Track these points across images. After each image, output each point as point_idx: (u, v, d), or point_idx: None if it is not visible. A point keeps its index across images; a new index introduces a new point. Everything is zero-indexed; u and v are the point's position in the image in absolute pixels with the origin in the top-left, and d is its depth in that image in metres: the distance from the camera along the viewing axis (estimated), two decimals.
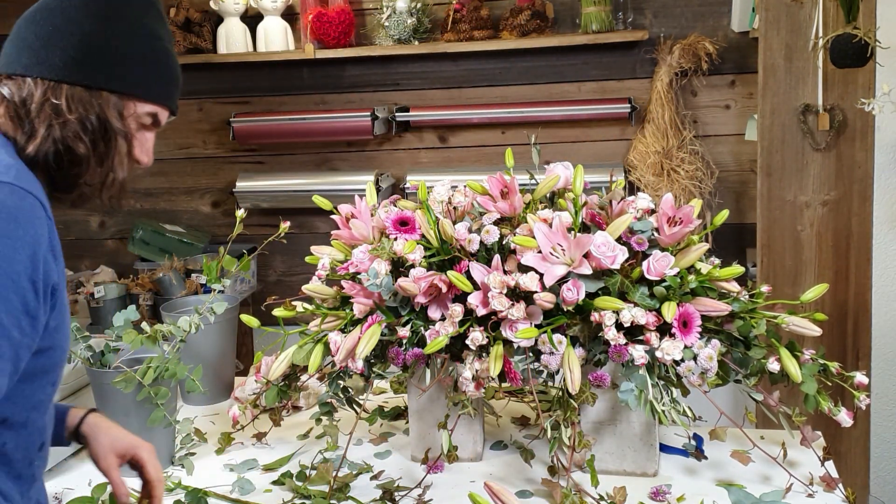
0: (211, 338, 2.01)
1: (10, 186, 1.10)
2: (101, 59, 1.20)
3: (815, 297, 1.61)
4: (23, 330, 1.09)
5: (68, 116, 1.18)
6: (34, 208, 1.10)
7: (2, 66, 1.22)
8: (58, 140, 1.18)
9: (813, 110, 2.71)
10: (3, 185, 1.10)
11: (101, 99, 1.20)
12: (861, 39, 2.34)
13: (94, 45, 1.20)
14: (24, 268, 1.07)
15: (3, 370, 1.07)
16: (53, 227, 1.14)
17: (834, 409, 1.55)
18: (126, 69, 1.21)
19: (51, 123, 1.18)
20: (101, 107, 1.20)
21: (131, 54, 1.22)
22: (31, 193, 1.11)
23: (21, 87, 1.18)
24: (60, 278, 1.16)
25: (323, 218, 3.72)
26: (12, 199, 1.09)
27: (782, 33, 2.73)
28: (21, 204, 1.09)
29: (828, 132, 2.70)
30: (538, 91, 3.74)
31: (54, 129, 1.18)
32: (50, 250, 1.12)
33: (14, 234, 1.07)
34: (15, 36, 1.23)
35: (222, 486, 1.66)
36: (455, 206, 1.69)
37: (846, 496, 1.54)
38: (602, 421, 1.65)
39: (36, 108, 1.18)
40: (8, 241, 1.06)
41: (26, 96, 1.18)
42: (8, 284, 1.06)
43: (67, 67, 1.18)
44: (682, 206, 1.59)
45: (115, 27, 1.21)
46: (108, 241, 4.14)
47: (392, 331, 1.63)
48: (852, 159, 2.71)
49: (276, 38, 3.70)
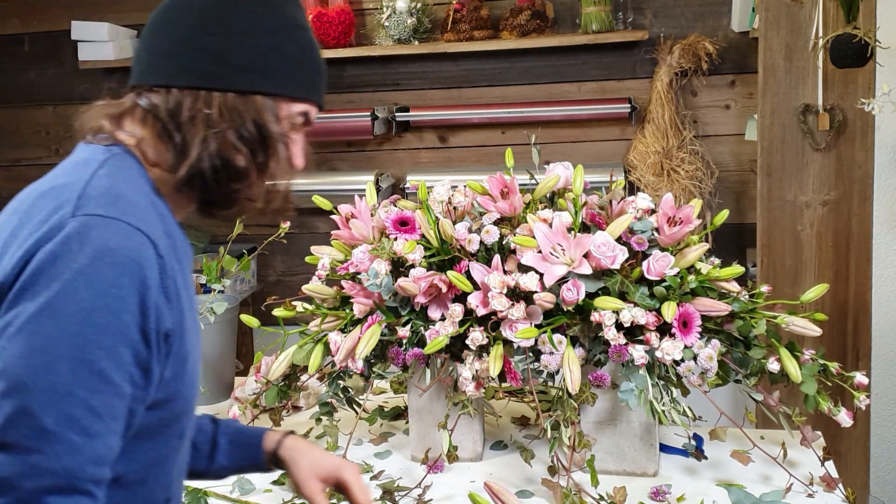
0: (211, 338, 2.01)
1: (117, 223, 0.97)
2: (252, 60, 1.07)
3: (815, 297, 1.61)
4: (135, 384, 0.98)
5: (223, 126, 1.05)
6: (142, 248, 0.98)
7: (139, 77, 1.09)
8: (214, 155, 1.06)
9: (813, 110, 2.71)
10: (107, 222, 0.97)
11: (256, 103, 1.08)
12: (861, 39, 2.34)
13: (243, 45, 1.07)
14: (134, 317, 0.96)
15: (114, 430, 0.97)
16: (166, 267, 1.01)
17: (834, 409, 1.55)
18: (277, 68, 1.09)
19: (205, 137, 1.05)
20: (257, 112, 1.07)
21: (281, 51, 1.09)
22: (140, 230, 0.99)
23: (167, 100, 1.06)
24: (177, 322, 1.03)
25: (323, 218, 3.72)
26: (116, 240, 0.97)
27: (782, 33, 2.73)
28: (127, 244, 0.97)
29: (828, 132, 2.69)
30: (538, 91, 3.74)
31: (209, 142, 1.05)
32: (162, 292, 0.99)
33: (119, 281, 0.95)
34: (149, 41, 1.10)
35: (222, 486, 1.66)
36: (455, 206, 1.69)
37: (846, 496, 1.54)
38: (602, 421, 1.65)
39: (187, 122, 1.05)
40: (113, 290, 0.95)
41: (174, 109, 1.06)
42: (117, 337, 0.95)
43: (216, 72, 1.06)
44: (682, 206, 1.59)
45: (261, 22, 1.08)
46: None
47: (392, 331, 1.63)
48: (852, 159, 2.71)
49: None
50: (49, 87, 4.06)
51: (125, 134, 1.09)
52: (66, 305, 0.93)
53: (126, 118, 1.10)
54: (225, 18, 1.07)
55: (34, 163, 4.10)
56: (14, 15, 4.01)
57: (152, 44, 1.09)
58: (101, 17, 3.83)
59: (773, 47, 2.74)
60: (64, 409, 0.93)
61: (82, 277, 0.94)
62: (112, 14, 3.88)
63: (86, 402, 0.94)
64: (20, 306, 0.94)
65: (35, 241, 0.97)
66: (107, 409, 0.95)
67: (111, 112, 1.10)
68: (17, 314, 0.94)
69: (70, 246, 0.95)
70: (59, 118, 4.07)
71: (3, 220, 1.06)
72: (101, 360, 0.94)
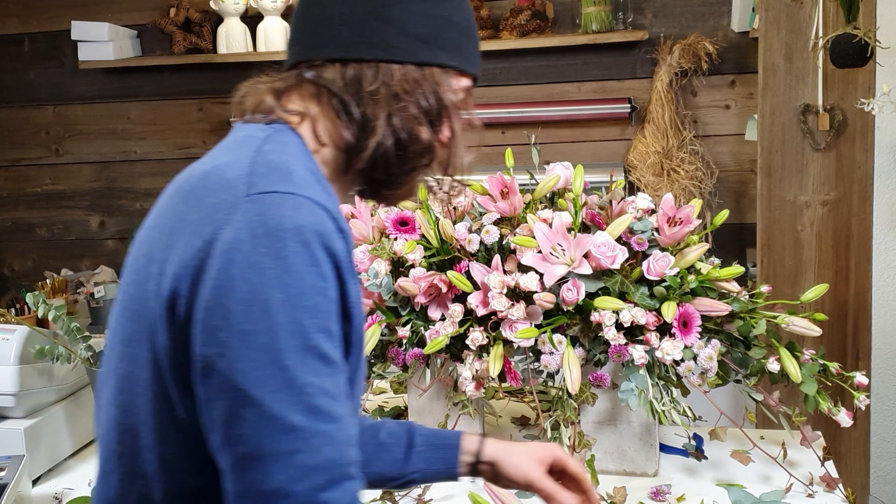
0: None
1: (295, 198, 0.91)
2: (430, 31, 1.02)
3: (815, 297, 1.61)
4: (344, 359, 0.95)
5: (407, 100, 1.00)
6: (325, 222, 0.92)
7: (306, 51, 1.04)
8: (399, 130, 1.00)
9: (813, 110, 2.71)
10: (285, 198, 0.91)
11: (434, 76, 1.03)
12: (861, 39, 2.34)
13: (422, 15, 1.02)
14: (335, 292, 0.92)
15: (350, 408, 0.94)
16: (348, 239, 0.95)
17: (834, 409, 1.55)
18: (450, 38, 1.04)
19: (389, 112, 1.00)
20: (436, 84, 1.03)
21: (452, 21, 1.04)
22: (319, 204, 0.93)
23: (343, 74, 1.00)
24: (358, 294, 0.99)
25: None
26: (300, 216, 0.90)
27: (782, 33, 2.73)
28: (311, 219, 0.91)
29: (828, 132, 2.69)
30: (538, 91, 3.74)
31: (394, 117, 1.00)
32: (350, 265, 0.96)
33: (316, 259, 0.90)
34: (315, 13, 1.03)
35: None
36: (455, 206, 1.69)
37: (846, 496, 1.54)
38: (602, 421, 1.65)
39: (368, 96, 0.99)
40: (314, 268, 0.90)
41: (353, 83, 1.00)
42: (327, 315, 0.91)
43: (397, 43, 1.00)
44: (682, 206, 1.59)
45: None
46: (109, 241, 4.14)
47: (392, 331, 1.63)
48: (852, 159, 2.71)
49: (276, 38, 3.70)
50: (49, 87, 4.06)
51: (291, 111, 1.03)
52: (274, 296, 0.88)
53: (291, 95, 1.04)
54: None
55: (34, 163, 4.10)
56: (14, 15, 4.01)
57: (320, 16, 1.03)
58: (101, 17, 3.83)
59: (773, 47, 2.74)
60: (305, 402, 0.88)
61: (281, 262, 0.88)
62: (112, 14, 3.88)
63: (321, 388, 0.89)
64: (223, 308, 0.88)
65: (212, 227, 0.91)
66: (339, 390, 0.92)
67: (276, 88, 1.05)
68: (224, 316, 0.88)
69: (254, 231, 0.89)
70: (59, 118, 4.08)
71: (165, 204, 1.01)
72: (321, 342, 0.90)
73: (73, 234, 4.15)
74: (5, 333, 1.71)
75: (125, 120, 4.03)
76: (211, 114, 3.96)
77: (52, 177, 4.11)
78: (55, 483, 1.72)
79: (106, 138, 4.06)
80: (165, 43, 3.85)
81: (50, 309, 1.72)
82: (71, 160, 4.10)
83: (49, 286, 3.56)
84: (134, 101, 4.02)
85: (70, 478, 1.74)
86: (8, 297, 3.93)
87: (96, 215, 4.12)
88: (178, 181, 1.03)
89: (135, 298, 0.97)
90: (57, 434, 1.77)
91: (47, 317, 1.72)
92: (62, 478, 1.74)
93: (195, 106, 3.97)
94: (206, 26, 3.77)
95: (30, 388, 1.70)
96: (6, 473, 1.54)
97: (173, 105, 3.99)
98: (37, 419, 1.72)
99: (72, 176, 4.11)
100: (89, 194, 4.11)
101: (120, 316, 1.00)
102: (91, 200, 4.12)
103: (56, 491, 1.68)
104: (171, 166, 4.00)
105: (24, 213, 4.14)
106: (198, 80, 3.93)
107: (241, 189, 0.92)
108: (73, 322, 1.75)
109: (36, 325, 1.83)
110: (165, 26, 3.75)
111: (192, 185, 0.98)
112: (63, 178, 4.12)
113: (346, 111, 1.00)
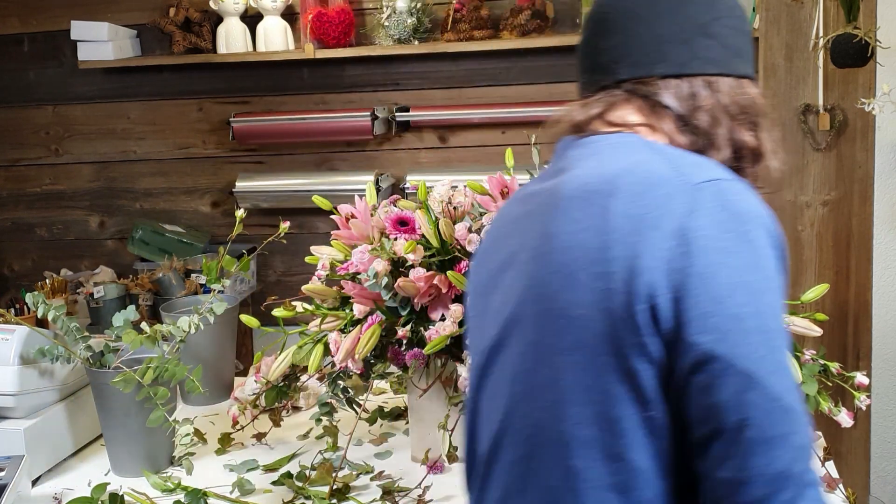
0: (211, 338, 2.01)
1: (739, 183, 0.98)
2: (741, 43, 1.09)
3: (815, 297, 1.61)
4: None
5: (735, 110, 1.06)
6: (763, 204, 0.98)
7: (637, 69, 1.08)
8: (733, 140, 1.06)
9: (813, 110, 2.71)
10: (732, 184, 0.97)
11: (745, 86, 1.09)
12: (861, 39, 2.34)
13: (733, 28, 1.08)
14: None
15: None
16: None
17: (834, 409, 1.55)
18: (749, 50, 1.11)
19: (725, 123, 1.06)
20: (750, 95, 1.08)
21: (746, 33, 1.11)
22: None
23: (679, 89, 1.05)
24: None
25: (323, 218, 3.72)
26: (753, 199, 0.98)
27: (782, 33, 2.73)
28: (757, 201, 0.98)
29: (828, 132, 2.69)
30: (538, 91, 3.74)
31: (729, 128, 1.06)
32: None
33: (775, 242, 0.97)
34: (644, 32, 1.07)
35: (222, 486, 1.65)
36: (455, 206, 1.68)
37: (846, 496, 1.54)
38: None
39: (706, 109, 1.05)
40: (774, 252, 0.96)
41: (691, 98, 1.05)
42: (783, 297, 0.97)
43: (722, 57, 1.06)
44: None
45: (735, 5, 1.10)
46: (108, 241, 4.14)
47: (392, 331, 1.63)
48: (853, 159, 2.71)
49: (275, 38, 3.70)
50: (49, 87, 4.05)
51: (634, 123, 1.06)
52: (752, 278, 0.91)
53: (625, 109, 1.08)
54: (718, 2, 1.08)
55: (34, 163, 4.10)
56: (14, 15, 4.01)
57: (648, 36, 1.07)
58: (101, 17, 3.83)
59: (773, 47, 2.74)
60: (792, 382, 0.91)
61: (749, 245, 0.93)
62: (112, 14, 3.87)
63: (791, 370, 0.92)
64: (709, 294, 0.89)
65: (671, 218, 0.92)
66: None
67: (605, 104, 1.09)
68: (714, 302, 0.89)
69: (718, 216, 0.92)
70: (59, 118, 4.07)
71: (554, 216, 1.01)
72: (784, 327, 0.94)
73: (73, 234, 4.15)
74: (5, 333, 1.71)
75: (125, 120, 4.03)
76: (211, 114, 3.96)
77: (52, 177, 4.11)
78: (55, 483, 1.72)
79: (106, 138, 4.06)
80: (165, 43, 3.85)
81: (50, 309, 1.72)
82: (70, 160, 4.10)
83: (49, 286, 3.56)
84: (133, 101, 4.01)
85: (70, 478, 1.74)
86: (8, 297, 3.92)
87: (96, 215, 4.12)
88: (567, 191, 1.02)
89: (566, 307, 0.95)
90: (57, 434, 1.77)
91: (47, 317, 1.72)
92: (62, 478, 1.74)
93: (195, 106, 3.97)
94: (205, 26, 3.77)
95: (30, 388, 1.70)
96: (6, 473, 1.54)
97: (173, 105, 3.99)
98: (37, 419, 1.72)
99: (71, 176, 4.11)
100: (89, 194, 4.11)
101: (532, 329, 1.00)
102: (91, 200, 4.11)
103: (56, 491, 1.68)
104: (171, 166, 3.99)
105: (23, 213, 4.14)
106: (197, 80, 3.93)
107: (684, 179, 0.95)
108: (73, 322, 1.75)
109: (36, 325, 1.82)
110: (165, 26, 3.75)
111: (600, 188, 0.98)
112: (63, 178, 4.11)
113: (687, 124, 1.05)
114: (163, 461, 1.74)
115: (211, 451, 1.84)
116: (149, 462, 1.71)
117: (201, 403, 2.07)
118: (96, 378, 1.72)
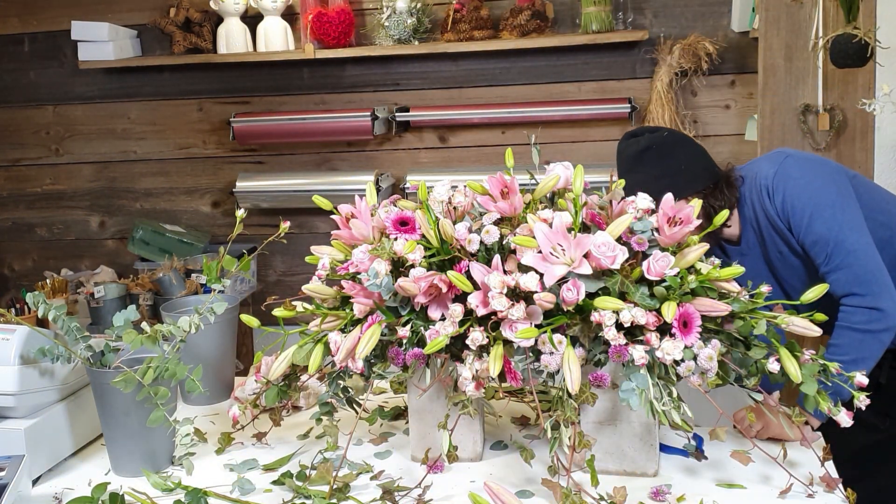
0: (211, 338, 2.01)
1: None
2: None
3: (815, 297, 1.61)
4: None
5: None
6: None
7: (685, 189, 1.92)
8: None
9: (813, 110, 2.71)
10: (796, 151, 2.05)
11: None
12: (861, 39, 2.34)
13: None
14: None
15: None
16: None
17: (834, 409, 1.55)
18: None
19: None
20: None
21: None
22: None
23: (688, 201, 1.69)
24: None
25: (323, 218, 3.72)
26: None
27: (782, 33, 2.73)
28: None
29: (828, 132, 2.69)
30: (538, 91, 3.74)
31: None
32: None
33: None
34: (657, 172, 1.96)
35: (222, 486, 1.66)
36: (455, 206, 1.68)
37: (846, 496, 1.54)
38: (602, 421, 1.65)
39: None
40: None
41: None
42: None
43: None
44: (682, 207, 1.59)
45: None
46: (109, 241, 4.14)
47: (392, 331, 1.63)
48: (852, 159, 2.71)
49: (276, 38, 3.70)
50: (49, 86, 4.06)
51: None
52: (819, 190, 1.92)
53: None
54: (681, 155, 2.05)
55: (34, 163, 4.10)
56: (14, 15, 4.01)
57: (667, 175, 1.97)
58: (101, 17, 3.84)
59: (773, 47, 2.74)
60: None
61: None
62: (112, 14, 3.88)
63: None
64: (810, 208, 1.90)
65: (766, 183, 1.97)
66: None
67: None
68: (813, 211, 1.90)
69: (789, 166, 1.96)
70: (59, 118, 4.08)
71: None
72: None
73: (73, 234, 4.15)
74: (5, 333, 1.71)
75: (125, 120, 4.04)
76: (211, 113, 3.96)
77: (52, 177, 4.11)
78: (55, 483, 1.72)
79: (106, 138, 4.06)
80: (165, 43, 3.86)
81: (50, 309, 1.72)
82: (71, 160, 4.10)
83: (49, 286, 3.56)
84: (134, 101, 4.02)
85: (70, 478, 1.74)
86: (8, 297, 3.93)
87: (96, 215, 4.12)
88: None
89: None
90: (57, 434, 1.77)
91: (47, 317, 1.72)
92: (62, 478, 1.74)
93: (195, 106, 3.97)
94: (205, 26, 3.77)
95: (30, 388, 1.70)
96: (6, 473, 1.54)
97: (173, 105, 3.99)
98: (37, 419, 1.72)
99: (72, 176, 4.11)
100: (89, 194, 4.11)
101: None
102: (91, 200, 4.12)
103: (56, 491, 1.68)
104: (171, 166, 4.00)
105: (24, 213, 4.14)
106: (198, 80, 3.93)
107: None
108: (73, 322, 1.75)
109: (36, 325, 1.82)
110: (165, 26, 3.75)
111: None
112: (63, 178, 4.12)
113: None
114: (163, 461, 1.74)
115: (211, 450, 1.84)
116: (149, 462, 1.72)
117: (201, 403, 2.08)
118: (97, 378, 1.72)
